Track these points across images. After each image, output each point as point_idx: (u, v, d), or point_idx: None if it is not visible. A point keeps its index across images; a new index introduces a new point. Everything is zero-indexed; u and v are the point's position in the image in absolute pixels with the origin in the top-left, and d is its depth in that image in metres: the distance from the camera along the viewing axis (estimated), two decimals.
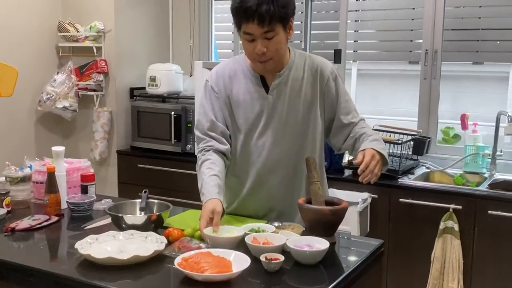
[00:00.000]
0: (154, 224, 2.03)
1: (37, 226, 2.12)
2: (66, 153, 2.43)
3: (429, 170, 3.65)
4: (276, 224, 2.04)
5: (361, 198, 3.24)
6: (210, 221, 1.90)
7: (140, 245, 1.84)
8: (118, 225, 2.03)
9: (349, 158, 3.57)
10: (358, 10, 4.04)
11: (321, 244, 1.79)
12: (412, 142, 3.54)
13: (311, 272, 1.72)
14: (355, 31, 4.07)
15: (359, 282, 1.79)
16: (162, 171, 4.05)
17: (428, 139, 3.60)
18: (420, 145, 3.56)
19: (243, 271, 1.62)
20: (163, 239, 1.86)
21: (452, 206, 3.11)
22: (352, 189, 3.31)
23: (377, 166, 1.96)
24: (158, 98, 4.23)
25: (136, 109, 4.25)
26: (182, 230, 1.97)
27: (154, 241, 1.86)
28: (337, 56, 3.90)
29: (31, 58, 4.16)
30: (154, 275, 1.70)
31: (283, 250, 1.78)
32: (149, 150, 4.18)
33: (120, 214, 2.04)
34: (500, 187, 3.25)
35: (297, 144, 2.16)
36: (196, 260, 1.66)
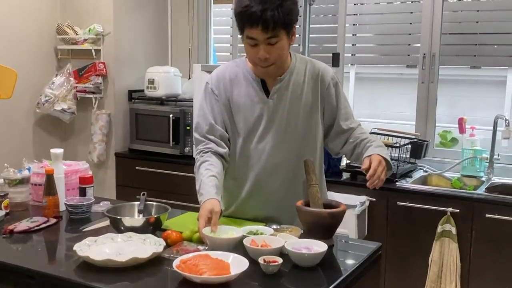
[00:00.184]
0: (153, 226, 2.03)
1: (35, 228, 2.12)
2: (64, 155, 2.44)
3: (426, 174, 3.66)
4: (274, 226, 2.04)
5: (359, 201, 3.25)
6: (209, 221, 1.90)
7: (138, 247, 1.84)
8: (117, 227, 2.03)
9: (347, 161, 3.57)
10: (356, 14, 4.06)
11: (319, 246, 1.80)
12: (409, 146, 3.56)
13: (309, 274, 1.72)
14: (353, 35, 4.08)
15: (357, 285, 1.79)
16: (160, 174, 4.05)
17: (425, 143, 3.61)
18: (417, 148, 3.57)
19: (241, 274, 1.63)
20: (162, 242, 1.86)
21: (449, 209, 3.11)
22: (350, 192, 3.32)
23: (383, 172, 2.00)
24: (156, 100, 4.24)
25: (134, 111, 4.25)
26: (180, 232, 1.98)
27: (152, 243, 1.86)
28: (335, 59, 3.91)
29: (30, 61, 4.16)
30: (152, 277, 1.70)
31: (281, 253, 1.79)
32: (147, 153, 4.19)
33: (118, 217, 2.04)
34: (497, 191, 3.26)
35: (297, 148, 2.16)
36: (194, 262, 1.66)
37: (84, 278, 1.66)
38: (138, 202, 2.18)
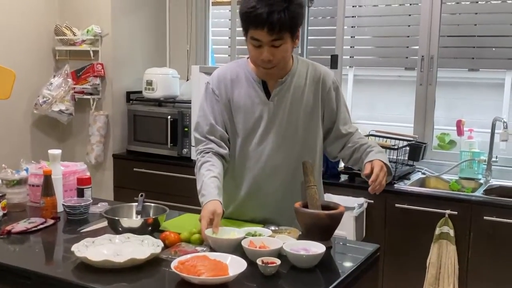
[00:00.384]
0: (151, 227, 2.02)
1: (33, 229, 2.12)
2: (62, 156, 2.43)
3: (424, 176, 3.66)
4: (272, 228, 2.04)
5: (357, 203, 3.25)
6: (211, 222, 1.90)
7: (136, 248, 1.84)
8: (115, 228, 2.02)
9: (345, 165, 3.57)
10: (354, 16, 4.06)
11: (317, 248, 1.79)
12: (408, 148, 3.56)
13: (307, 276, 1.72)
14: (352, 37, 4.08)
15: (355, 287, 1.79)
16: (158, 175, 4.05)
17: (424, 145, 3.61)
18: (416, 150, 3.57)
19: (240, 275, 1.62)
20: (160, 243, 1.86)
21: (447, 211, 3.11)
22: (348, 194, 3.32)
23: (384, 177, 2.02)
24: (154, 102, 4.24)
25: (132, 113, 4.25)
26: (178, 233, 1.97)
27: (150, 244, 1.86)
28: (333, 61, 3.92)
29: (28, 61, 4.16)
30: (150, 278, 1.70)
31: (280, 254, 1.78)
32: (145, 154, 4.18)
33: (116, 218, 2.04)
34: (495, 193, 3.26)
35: (296, 151, 2.16)
36: (192, 263, 1.66)
37: (81, 279, 1.66)
38: (136, 203, 2.17)
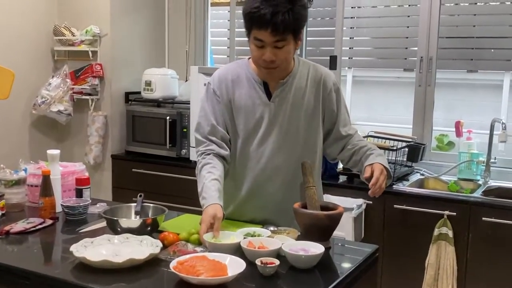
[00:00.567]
0: (150, 228, 2.02)
1: (31, 229, 2.11)
2: (60, 157, 2.43)
3: (423, 177, 3.66)
4: (271, 228, 2.04)
5: (355, 204, 3.25)
6: (211, 226, 1.89)
7: (135, 248, 1.84)
8: (113, 228, 2.02)
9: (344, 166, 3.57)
10: (353, 17, 4.06)
11: (316, 248, 1.79)
12: (406, 149, 3.56)
13: (306, 276, 1.72)
14: (351, 38, 4.08)
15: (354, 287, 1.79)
16: (156, 176, 4.04)
17: (422, 146, 3.61)
18: (414, 151, 3.57)
19: (239, 275, 1.62)
20: (158, 243, 1.86)
21: (446, 212, 3.12)
22: (347, 195, 3.32)
23: (384, 180, 2.03)
24: (153, 102, 4.24)
25: (131, 113, 4.24)
26: (177, 234, 1.97)
27: (149, 244, 1.86)
28: (332, 62, 3.92)
29: (27, 62, 4.15)
30: (149, 279, 1.69)
31: (279, 255, 1.78)
32: (143, 155, 4.18)
33: (115, 218, 2.03)
34: (494, 194, 3.26)
35: (297, 152, 2.15)
36: (191, 263, 1.66)
37: (80, 279, 1.66)
38: (135, 204, 2.17)
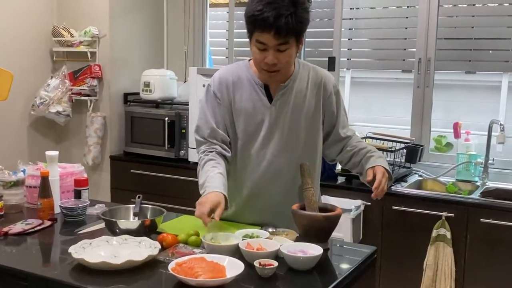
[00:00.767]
0: (148, 229, 2.02)
1: (30, 231, 2.12)
2: (59, 158, 2.43)
3: (421, 178, 3.66)
4: (270, 230, 2.04)
5: (354, 205, 3.25)
6: (211, 212, 1.86)
7: (133, 250, 1.84)
8: (112, 230, 2.02)
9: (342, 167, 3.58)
10: (352, 19, 4.07)
11: (314, 250, 1.80)
12: (405, 150, 3.56)
13: (305, 278, 1.72)
14: (349, 39, 4.09)
15: None
16: (155, 177, 4.04)
17: (421, 147, 3.62)
18: (413, 153, 3.58)
19: (237, 277, 1.62)
20: (157, 244, 1.86)
21: (444, 214, 3.12)
22: (345, 196, 3.33)
23: (386, 183, 2.05)
24: (152, 103, 4.24)
25: (129, 114, 4.24)
26: (176, 235, 1.97)
27: (147, 246, 1.86)
28: (331, 64, 3.92)
29: (25, 63, 4.15)
30: (147, 280, 1.69)
31: (277, 256, 1.78)
32: (142, 156, 4.18)
33: (114, 219, 2.03)
34: (492, 195, 3.27)
35: (297, 155, 2.15)
36: (190, 265, 1.66)
37: (78, 281, 1.66)
38: (134, 205, 2.17)
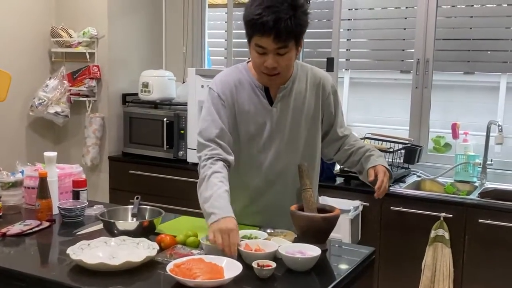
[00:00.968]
0: (146, 230, 2.02)
1: (28, 232, 2.11)
2: (57, 158, 2.43)
3: (420, 179, 3.66)
4: (268, 231, 2.04)
5: (352, 206, 3.25)
6: (228, 238, 1.80)
7: (132, 251, 1.84)
8: (110, 231, 2.02)
9: (340, 166, 3.57)
10: (350, 19, 4.07)
11: (313, 251, 1.80)
12: (403, 151, 3.57)
13: (303, 279, 1.72)
14: (348, 40, 4.09)
15: None
16: (154, 178, 4.04)
17: (419, 148, 3.62)
18: (411, 153, 3.58)
19: (235, 278, 1.63)
20: (155, 245, 1.86)
21: (442, 214, 3.12)
22: (343, 197, 3.32)
23: (387, 182, 2.07)
24: (150, 104, 4.23)
25: (128, 115, 4.24)
26: (174, 236, 1.97)
27: (146, 247, 1.86)
28: (329, 64, 3.93)
29: (24, 63, 4.15)
30: (145, 281, 1.70)
31: (275, 257, 1.79)
32: (141, 156, 4.17)
33: (112, 220, 2.03)
34: (490, 196, 3.27)
35: (298, 157, 2.16)
36: (188, 266, 1.66)
37: (76, 282, 1.66)
38: (132, 206, 2.17)
